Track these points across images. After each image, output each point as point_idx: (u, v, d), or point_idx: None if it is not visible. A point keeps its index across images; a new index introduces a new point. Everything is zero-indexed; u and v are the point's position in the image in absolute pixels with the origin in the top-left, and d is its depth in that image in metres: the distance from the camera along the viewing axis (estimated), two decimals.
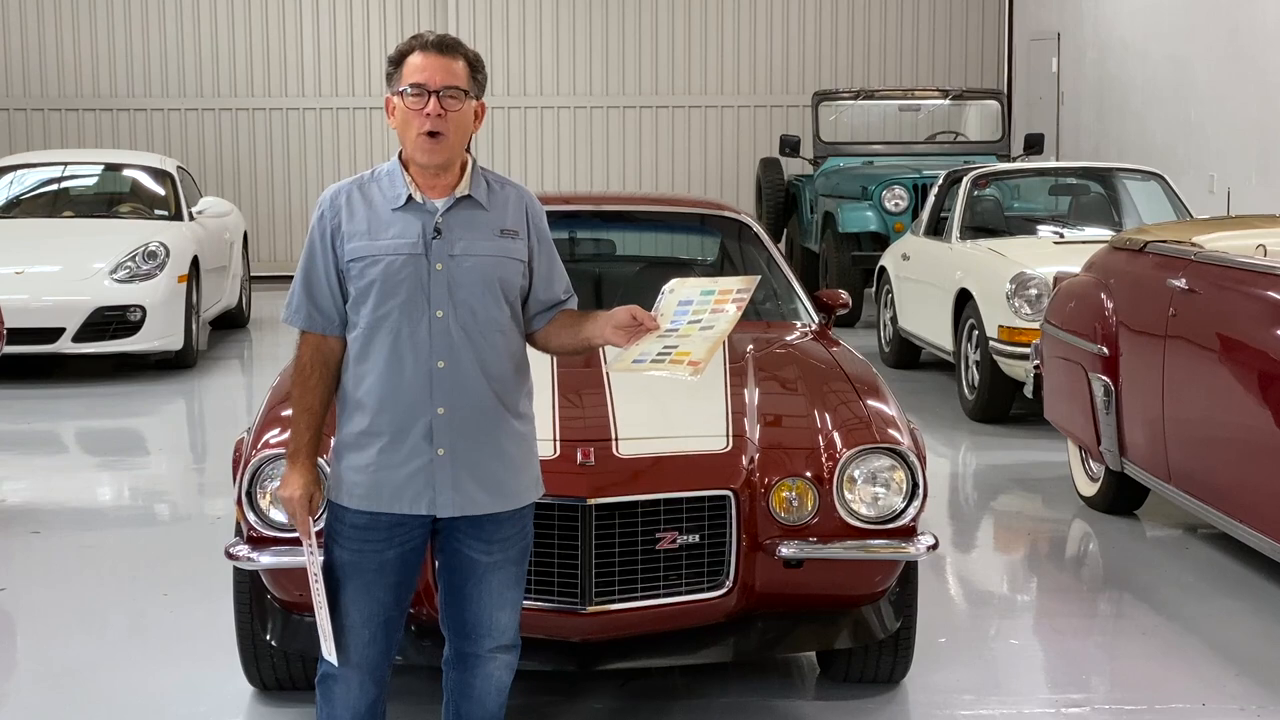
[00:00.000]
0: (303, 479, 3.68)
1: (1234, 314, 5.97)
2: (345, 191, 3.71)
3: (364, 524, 3.67)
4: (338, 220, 3.67)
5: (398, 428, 3.63)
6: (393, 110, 3.66)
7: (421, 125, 3.60)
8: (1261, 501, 5.66)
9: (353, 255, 3.64)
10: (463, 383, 3.63)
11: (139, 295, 10.97)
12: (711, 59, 18.43)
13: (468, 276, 3.64)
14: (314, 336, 3.69)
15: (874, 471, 4.64)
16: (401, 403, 3.63)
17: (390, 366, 3.63)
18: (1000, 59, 18.61)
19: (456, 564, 3.75)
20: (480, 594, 3.75)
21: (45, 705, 5.14)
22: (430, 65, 3.60)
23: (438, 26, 17.99)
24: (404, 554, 3.71)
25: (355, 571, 3.69)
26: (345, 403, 3.70)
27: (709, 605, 4.53)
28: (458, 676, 3.87)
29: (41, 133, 17.82)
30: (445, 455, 3.63)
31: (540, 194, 5.01)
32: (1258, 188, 12.20)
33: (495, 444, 3.68)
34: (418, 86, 3.59)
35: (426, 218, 3.65)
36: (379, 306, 3.62)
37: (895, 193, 13.35)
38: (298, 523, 3.71)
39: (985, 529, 7.69)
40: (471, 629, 3.79)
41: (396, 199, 3.67)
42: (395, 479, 3.64)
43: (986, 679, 5.33)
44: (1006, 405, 9.41)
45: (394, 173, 3.71)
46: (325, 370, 3.69)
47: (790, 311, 6.39)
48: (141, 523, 7.73)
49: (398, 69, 3.64)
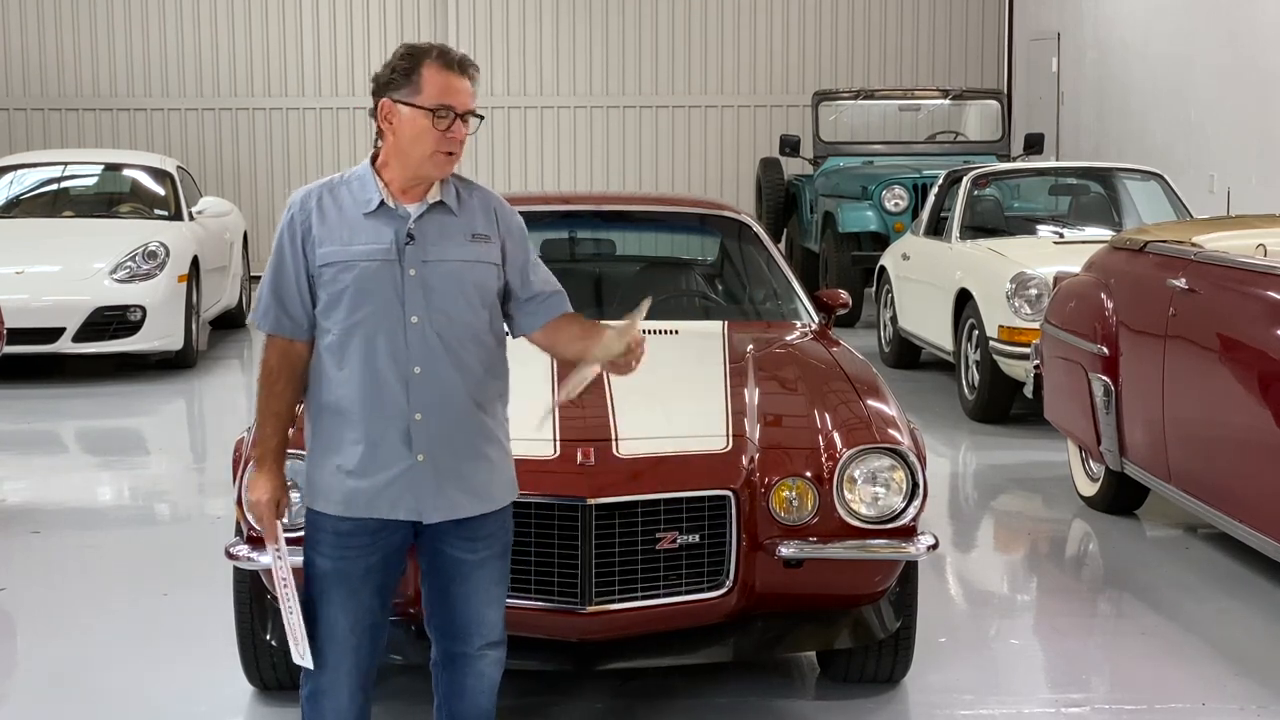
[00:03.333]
0: (270, 483, 3.68)
1: (1234, 314, 5.97)
2: (315, 194, 3.68)
3: (347, 530, 3.67)
4: (309, 224, 3.64)
5: (375, 434, 3.62)
6: (390, 115, 3.62)
7: (444, 145, 3.60)
8: (1261, 501, 5.66)
9: (325, 260, 3.62)
10: (440, 388, 3.63)
11: (139, 295, 10.96)
12: (711, 59, 18.42)
13: (442, 282, 3.63)
14: (281, 340, 3.67)
15: (874, 471, 4.64)
16: (379, 409, 3.61)
17: (366, 373, 3.61)
18: (1000, 59, 18.60)
19: (441, 565, 3.75)
20: (467, 593, 3.75)
21: (45, 705, 5.14)
22: (456, 87, 3.60)
23: (438, 26, 18.00)
24: (387, 557, 3.71)
25: (340, 579, 3.68)
26: (318, 409, 3.68)
27: (709, 605, 4.52)
28: (449, 678, 3.86)
29: (41, 133, 17.81)
30: (425, 461, 3.63)
31: (541, 194, 5.01)
32: (1258, 188, 12.19)
33: (473, 448, 3.69)
34: (447, 109, 3.58)
35: (399, 223, 3.64)
36: (353, 313, 3.60)
37: (895, 193, 13.35)
38: (265, 526, 3.70)
39: (985, 529, 7.69)
40: (461, 629, 3.79)
41: (368, 204, 3.65)
42: (374, 485, 3.63)
43: (986, 679, 5.33)
44: (1006, 405, 9.41)
45: (365, 177, 3.68)
46: (292, 375, 3.68)
47: (790, 311, 6.38)
48: (141, 523, 7.73)
49: (409, 79, 3.60)
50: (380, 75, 3.67)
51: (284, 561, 3.68)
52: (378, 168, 3.68)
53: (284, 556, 3.68)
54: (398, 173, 3.66)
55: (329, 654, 3.71)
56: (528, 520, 4.40)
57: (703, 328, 6.07)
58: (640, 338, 3.65)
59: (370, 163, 3.70)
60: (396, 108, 3.61)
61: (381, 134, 3.68)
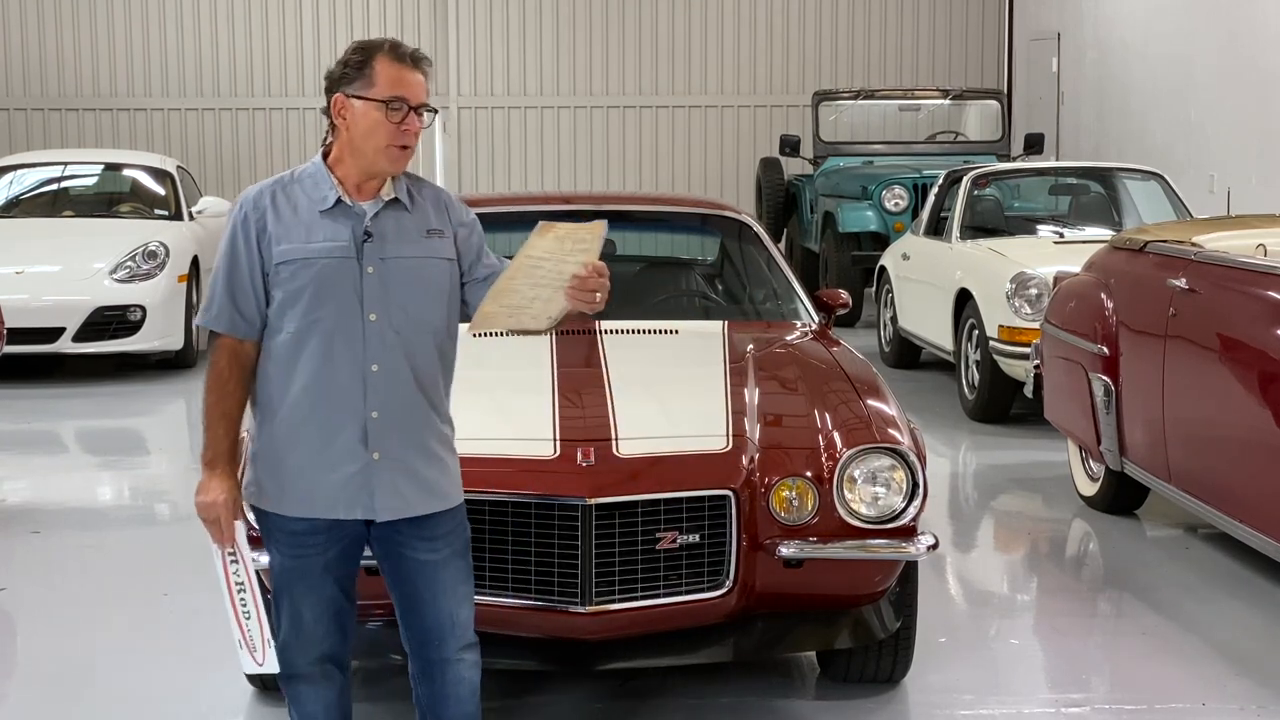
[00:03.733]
0: (225, 484, 3.66)
1: (1234, 314, 5.97)
2: (268, 192, 3.68)
3: (302, 529, 3.67)
4: (263, 221, 3.63)
5: (330, 432, 3.61)
6: (343, 111, 3.61)
7: (397, 138, 3.59)
8: (1261, 501, 5.66)
9: (284, 258, 3.61)
10: (395, 385, 3.63)
11: (139, 295, 10.97)
12: (711, 59, 18.43)
13: (400, 279, 3.63)
14: (230, 341, 3.65)
15: (874, 471, 4.64)
16: (334, 406, 3.61)
17: (323, 370, 3.60)
18: (1000, 59, 18.61)
19: (405, 571, 3.74)
20: (436, 595, 3.74)
21: (45, 704, 5.14)
22: (409, 79, 3.60)
23: (438, 26, 18.01)
24: (344, 549, 3.71)
25: (300, 575, 3.69)
26: (268, 408, 3.66)
27: (709, 605, 4.52)
28: (430, 689, 3.85)
29: (41, 133, 17.82)
30: (380, 459, 3.63)
31: (541, 194, 5.02)
32: (1258, 188, 12.20)
33: (424, 445, 3.69)
34: (400, 100, 3.58)
35: (356, 221, 3.64)
36: (312, 310, 3.59)
37: (895, 193, 13.36)
38: (223, 529, 3.67)
39: (985, 529, 7.69)
40: (435, 634, 3.78)
41: (323, 201, 3.64)
42: (330, 483, 3.63)
43: (986, 679, 5.33)
44: (1006, 405, 9.41)
45: (317, 174, 3.68)
46: (243, 376, 3.66)
47: (790, 311, 6.38)
48: (141, 523, 7.73)
49: (361, 73, 3.59)
50: (333, 71, 3.67)
51: (242, 565, 3.67)
52: (330, 164, 3.68)
53: (242, 559, 3.67)
54: (352, 169, 3.65)
55: (298, 646, 3.72)
56: (528, 520, 4.40)
57: (703, 328, 6.07)
58: (602, 266, 3.57)
59: (322, 159, 3.69)
60: (349, 102, 3.61)
61: (334, 130, 3.67)
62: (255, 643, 3.66)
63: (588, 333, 5.70)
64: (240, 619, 3.66)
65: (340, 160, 3.67)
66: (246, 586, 3.67)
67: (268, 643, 3.68)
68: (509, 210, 7.00)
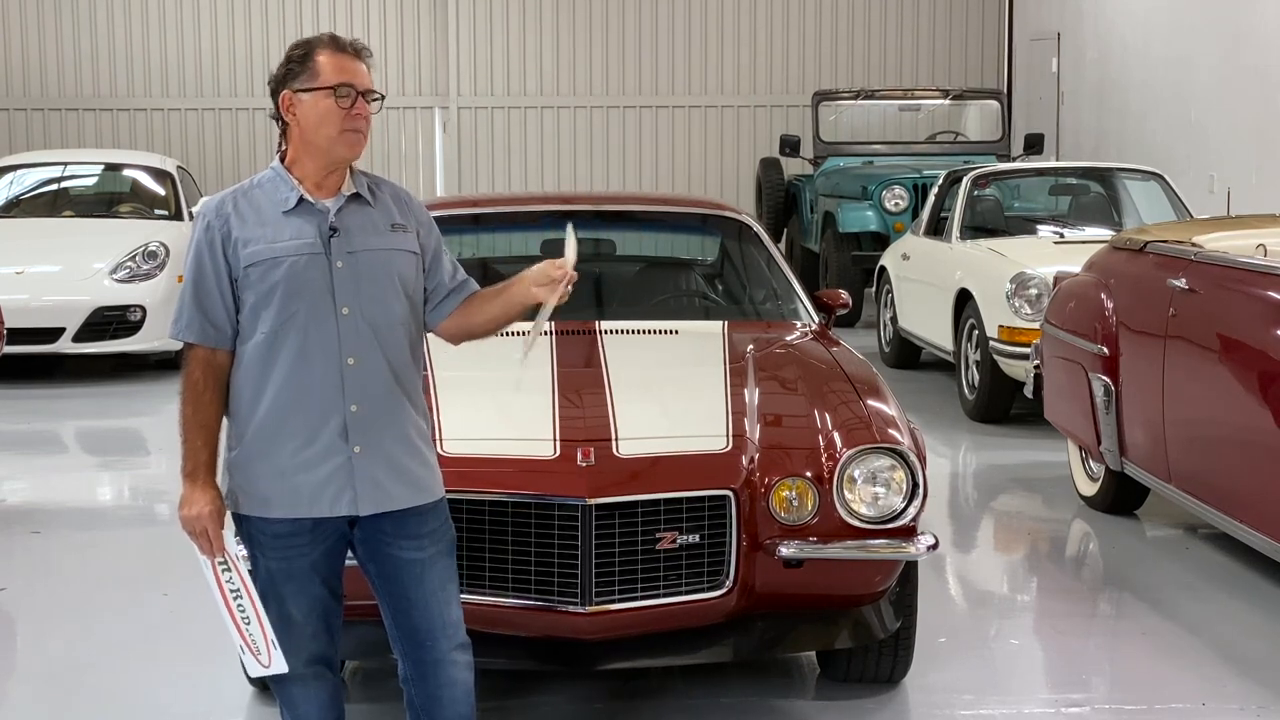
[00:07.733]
0: (207, 495, 3.65)
1: (1234, 314, 5.97)
2: (229, 200, 3.70)
3: (286, 532, 3.67)
4: (227, 228, 3.64)
5: (310, 429, 3.62)
6: (291, 107, 3.65)
7: (349, 122, 3.63)
8: (1261, 501, 5.66)
9: (252, 260, 3.61)
10: (372, 379, 3.64)
11: (139, 295, 10.98)
12: (711, 59, 18.42)
13: (369, 271, 3.66)
14: (203, 351, 3.66)
15: (874, 471, 4.64)
16: (313, 403, 3.61)
17: (299, 368, 3.61)
18: (1000, 59, 18.61)
19: (392, 570, 3.74)
20: (424, 594, 3.75)
21: (45, 705, 5.14)
22: (352, 67, 3.65)
23: (438, 26, 18.02)
24: (328, 549, 3.72)
25: (288, 576, 3.70)
26: (243, 413, 3.67)
27: (709, 605, 4.52)
28: (423, 691, 3.85)
29: (41, 133, 17.82)
30: (362, 453, 3.64)
31: (541, 194, 5.03)
32: (1258, 188, 12.19)
33: (404, 438, 3.70)
34: (347, 86, 3.62)
35: (320, 217, 3.66)
36: (284, 309, 3.60)
37: (895, 193, 13.36)
38: (210, 540, 3.66)
39: (985, 529, 7.69)
40: (426, 633, 3.78)
41: (285, 202, 3.67)
42: (313, 480, 3.63)
43: (986, 679, 5.33)
44: (1006, 405, 9.41)
45: (276, 178, 3.71)
46: (218, 386, 3.67)
47: (790, 311, 6.38)
48: (141, 523, 7.73)
49: (305, 66, 3.64)
50: (276, 73, 3.71)
51: (235, 571, 3.67)
52: (288, 166, 3.71)
53: (234, 565, 3.67)
54: (310, 167, 3.68)
55: (289, 648, 3.72)
56: (527, 520, 4.41)
57: (703, 328, 6.07)
58: (571, 274, 3.72)
59: (280, 163, 3.72)
60: (297, 97, 3.64)
61: (285, 133, 3.71)
62: (259, 646, 3.66)
63: (588, 333, 5.70)
64: (240, 625, 3.66)
65: (297, 160, 3.70)
66: (242, 591, 3.66)
67: (272, 644, 3.67)
68: (509, 210, 7.00)
